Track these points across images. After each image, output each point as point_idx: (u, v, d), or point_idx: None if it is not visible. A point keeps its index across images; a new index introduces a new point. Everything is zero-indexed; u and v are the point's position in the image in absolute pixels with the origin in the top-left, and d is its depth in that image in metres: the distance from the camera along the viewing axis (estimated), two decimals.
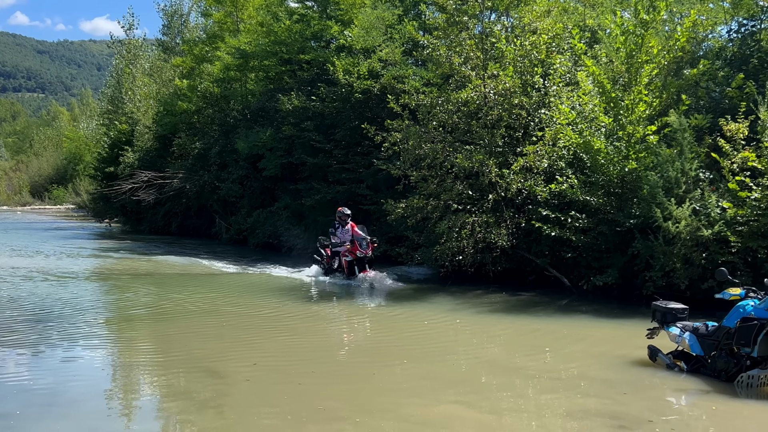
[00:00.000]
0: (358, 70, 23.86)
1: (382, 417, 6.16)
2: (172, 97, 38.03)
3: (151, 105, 42.14)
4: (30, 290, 15.42)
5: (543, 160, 16.40)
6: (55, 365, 8.85)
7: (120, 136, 43.75)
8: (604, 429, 6.01)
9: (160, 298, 14.62)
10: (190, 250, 27.71)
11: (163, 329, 11.49)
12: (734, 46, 18.30)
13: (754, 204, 12.82)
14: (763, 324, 7.57)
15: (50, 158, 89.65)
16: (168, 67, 44.42)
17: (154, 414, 6.48)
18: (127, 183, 34.61)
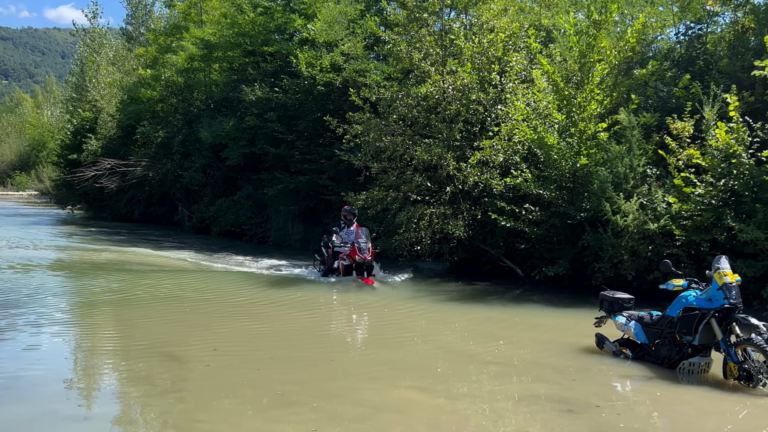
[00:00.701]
0: (320, 63, 23.75)
1: (339, 401, 6.17)
2: (135, 85, 37.48)
3: (115, 93, 41.47)
4: None
5: (499, 154, 16.54)
6: (17, 352, 8.67)
7: (83, 123, 43.01)
8: (553, 413, 6.09)
9: (124, 285, 14.39)
10: (153, 238, 27.34)
11: (126, 315, 11.30)
12: (681, 48, 18.62)
13: (698, 199, 13.07)
14: (704, 314, 7.75)
15: (13, 145, 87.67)
16: (132, 56, 43.74)
17: (114, 398, 6.39)
18: (90, 170, 34.02)
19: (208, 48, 29.83)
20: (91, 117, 43.00)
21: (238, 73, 29.51)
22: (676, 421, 6.17)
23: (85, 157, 38.33)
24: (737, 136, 12.70)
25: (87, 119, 43.07)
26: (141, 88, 35.59)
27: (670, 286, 8.29)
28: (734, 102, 12.91)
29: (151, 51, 37.79)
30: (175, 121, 33.83)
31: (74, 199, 44.53)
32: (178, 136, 32.32)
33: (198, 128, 29.95)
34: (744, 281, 10.91)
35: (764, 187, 12.26)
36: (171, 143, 32.85)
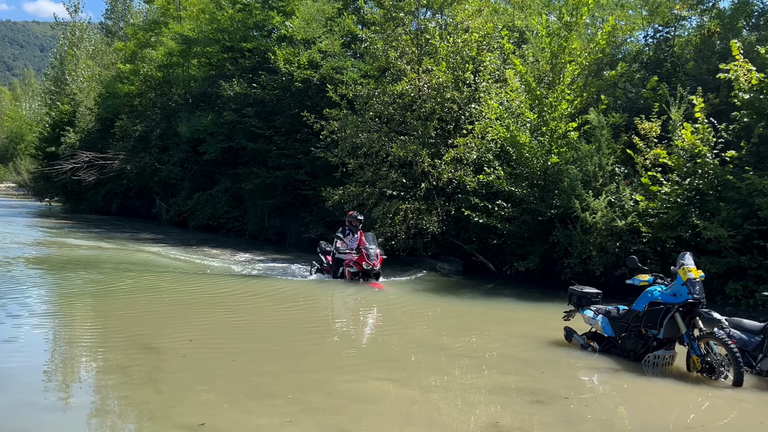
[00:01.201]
0: (298, 59, 23.66)
1: (314, 393, 6.14)
2: (114, 80, 37.08)
3: (94, 87, 41.00)
4: None
5: (472, 151, 16.61)
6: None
7: (62, 116, 42.51)
8: (523, 405, 6.14)
9: (102, 278, 14.19)
10: (131, 231, 27.08)
11: (104, 307, 11.13)
12: (650, 51, 18.81)
13: (664, 197, 13.21)
14: (669, 308, 7.85)
15: None
16: (110, 50, 43.26)
17: (91, 389, 6.31)
18: (68, 163, 33.61)
19: (187, 43, 29.56)
20: (69, 110, 42.52)
21: (217, 69, 29.29)
22: (641, 412, 6.24)
23: (64, 149, 37.87)
24: (702, 136, 12.86)
25: (65, 112, 42.58)
26: (119, 83, 35.22)
27: (636, 281, 8.37)
28: (700, 104, 13.06)
29: (130, 46, 37.39)
30: (154, 115, 33.53)
31: (52, 192, 44.00)
32: (156, 130, 32.03)
33: (176, 122, 29.69)
34: (707, 277, 11.07)
35: (728, 186, 12.43)
36: (149, 137, 32.56)
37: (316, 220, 23.21)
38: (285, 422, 5.09)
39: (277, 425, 5.05)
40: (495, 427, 5.27)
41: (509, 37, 17.22)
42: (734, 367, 7.16)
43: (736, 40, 14.19)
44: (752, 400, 6.67)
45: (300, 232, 24.08)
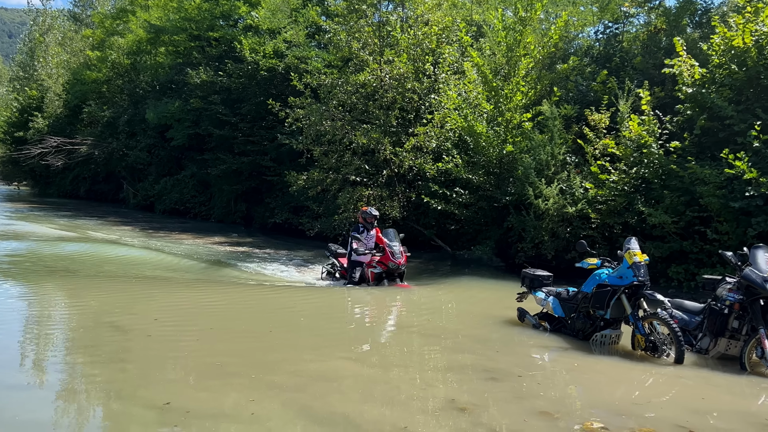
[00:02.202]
0: (263, 49, 23.41)
1: (276, 372, 6.08)
2: (82, 66, 36.28)
3: (62, 74, 40.08)
4: None
5: (432, 140, 16.64)
6: None
7: (30, 102, 41.53)
8: (478, 382, 6.17)
9: (70, 258, 13.88)
10: (99, 214, 26.57)
11: (72, 286, 10.88)
12: (600, 46, 19.00)
13: (612, 185, 13.38)
14: (615, 290, 7.95)
15: None
16: (78, 38, 42.28)
17: (58, 367, 6.13)
18: (36, 148, 32.87)
19: (155, 31, 29.06)
20: (37, 96, 41.55)
21: (184, 57, 28.85)
22: (590, 388, 6.32)
23: (32, 134, 37.07)
24: (648, 128, 13.04)
25: (33, 98, 41.60)
26: (87, 70, 34.46)
27: (585, 264, 8.46)
28: (646, 96, 13.24)
29: (98, 33, 36.58)
30: (121, 102, 32.95)
31: (20, 176, 43.08)
32: (123, 116, 31.50)
33: (144, 109, 29.23)
34: (652, 261, 11.25)
35: (671, 175, 12.63)
36: (117, 123, 32.00)
37: (281, 205, 23.10)
38: (248, 401, 5.05)
39: (241, 403, 5.00)
40: (451, 403, 5.29)
41: (467, 30, 17.26)
42: (676, 345, 7.30)
43: (680, 37, 14.41)
44: (693, 376, 6.81)
45: (266, 216, 23.95)
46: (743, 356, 7.19)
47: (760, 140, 11.23)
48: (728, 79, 12.57)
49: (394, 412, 5.05)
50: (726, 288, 7.72)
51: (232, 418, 4.69)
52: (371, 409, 5.07)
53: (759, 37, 12.25)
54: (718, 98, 12.33)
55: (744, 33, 12.34)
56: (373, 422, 4.75)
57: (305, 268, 14.84)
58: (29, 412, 4.70)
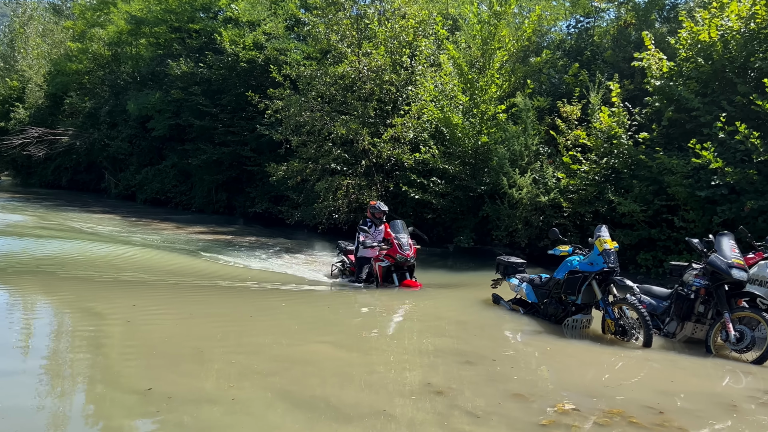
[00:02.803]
0: (243, 41, 23.21)
1: (256, 357, 6.02)
2: (63, 58, 35.70)
3: (43, 65, 39.41)
4: None
5: (409, 131, 16.63)
6: None
7: (11, 92, 40.82)
8: (455, 365, 6.18)
9: (52, 248, 13.62)
10: (80, 204, 26.21)
11: (52, 273, 10.68)
12: (572, 40, 19.07)
13: (583, 175, 13.48)
14: (586, 276, 8.02)
15: None
16: (59, 29, 41.58)
17: (38, 353, 6.04)
18: (18, 138, 32.32)
19: (136, 23, 28.64)
20: (18, 86, 40.84)
21: (165, 48, 28.50)
22: (562, 371, 6.37)
23: (13, 125, 36.45)
24: (618, 119, 13.13)
25: (14, 88, 40.89)
26: (68, 61, 33.92)
27: (557, 251, 8.52)
28: (616, 89, 13.32)
29: (79, 25, 35.98)
30: (102, 93, 32.50)
31: (2, 166, 42.38)
32: (105, 107, 31.10)
33: (125, 99, 28.88)
34: (621, 248, 11.36)
35: (640, 165, 12.74)
36: (98, 113, 31.59)
37: (261, 194, 22.99)
38: (229, 386, 5.01)
39: (222, 388, 4.96)
40: (428, 386, 5.30)
41: (443, 23, 17.22)
42: (644, 329, 7.38)
43: (649, 31, 14.51)
44: (660, 359, 6.89)
45: (246, 206, 23.83)
46: (709, 339, 7.29)
47: (725, 131, 11.35)
48: (695, 72, 12.68)
49: (373, 395, 5.05)
50: (692, 274, 7.81)
51: (214, 403, 4.65)
52: (350, 393, 5.06)
53: (724, 32, 12.37)
54: (685, 91, 12.43)
55: (710, 28, 12.45)
56: (353, 405, 4.74)
57: (313, 264, 14.12)
58: (11, 398, 4.63)
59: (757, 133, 10.80)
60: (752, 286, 7.73)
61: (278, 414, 4.56)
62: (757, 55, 12.03)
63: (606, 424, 4.73)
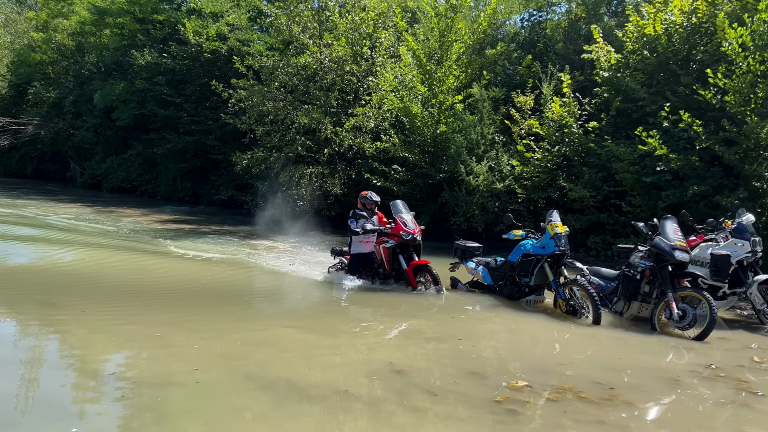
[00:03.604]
0: (207, 32, 22.81)
1: (219, 342, 5.88)
2: (26, 48, 34.60)
3: (6, 54, 38.12)
4: None
5: (370, 120, 16.56)
6: None
7: None
8: (418, 346, 6.21)
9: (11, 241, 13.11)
10: (45, 193, 25.50)
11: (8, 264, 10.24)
12: (525, 33, 19.19)
13: (536, 163, 13.61)
14: (539, 259, 8.12)
15: None
16: (22, 19, 40.23)
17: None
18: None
19: (100, 14, 27.89)
20: None
21: (129, 39, 27.84)
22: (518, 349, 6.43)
23: None
24: (569, 109, 13.28)
25: None
26: (31, 52, 32.90)
27: (511, 236, 8.61)
28: (567, 80, 13.46)
29: (42, 15, 34.90)
30: (67, 83, 31.63)
31: None
32: (69, 97, 30.27)
33: (89, 89, 28.17)
34: (572, 232, 11.54)
35: (590, 153, 12.91)
36: (62, 103, 30.75)
37: (225, 183, 22.74)
38: (193, 370, 4.93)
39: (185, 372, 4.88)
40: (390, 366, 5.32)
41: (402, 16, 17.17)
42: (593, 309, 7.51)
43: (598, 25, 14.68)
44: (609, 337, 7.01)
45: (212, 194, 23.54)
46: (653, 318, 7.45)
47: (669, 120, 11.57)
48: (641, 64, 12.89)
49: (336, 375, 5.05)
50: (638, 256, 7.96)
51: (179, 386, 4.58)
52: (314, 374, 5.04)
53: (668, 26, 12.58)
54: (632, 82, 12.63)
55: (655, 22, 12.65)
56: (316, 386, 4.73)
57: (278, 252, 13.40)
58: None
59: (699, 122, 11.04)
60: (694, 267, 7.93)
61: (243, 396, 4.52)
62: (698, 48, 12.28)
63: (557, 400, 4.80)
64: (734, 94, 10.61)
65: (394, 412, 4.33)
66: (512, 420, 4.32)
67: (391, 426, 4.14)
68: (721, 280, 7.89)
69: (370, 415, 4.30)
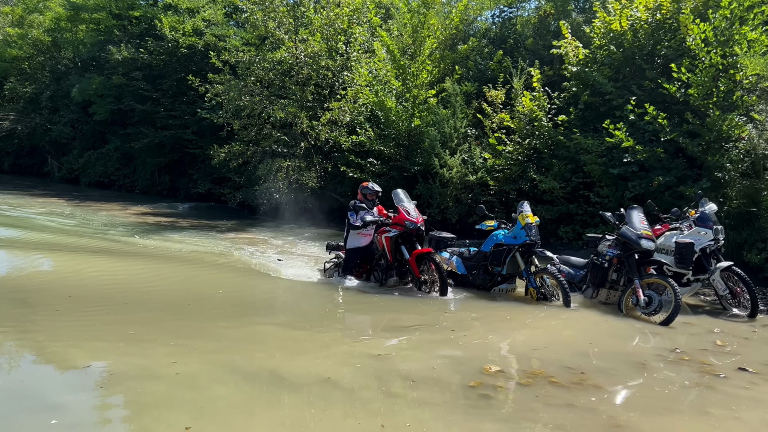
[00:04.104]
0: (183, 27, 22.51)
1: (197, 338, 5.58)
2: (2, 43, 33.80)
3: None
4: None
5: (346, 114, 16.49)
6: None
7: None
8: (398, 334, 6.21)
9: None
10: (23, 188, 25.02)
11: None
12: (496, 28, 19.21)
13: (508, 155, 13.66)
14: (510, 248, 8.17)
15: None
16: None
17: None
18: None
19: (75, 9, 27.36)
20: None
21: (105, 34, 27.35)
22: (492, 336, 6.46)
23: None
24: (539, 103, 13.34)
25: None
26: (7, 48, 32.17)
27: (483, 226, 8.64)
28: (537, 75, 13.51)
29: (17, 11, 34.13)
30: (44, 78, 31.00)
31: None
32: (46, 92, 29.71)
33: (66, 84, 27.67)
34: (543, 222, 11.63)
35: (559, 145, 12.99)
36: (39, 98, 30.15)
37: (203, 176, 22.51)
38: (171, 362, 4.84)
39: (163, 365, 4.76)
40: (376, 358, 5.29)
41: (376, 12, 17.10)
42: (563, 296, 7.60)
43: (566, 21, 14.77)
44: (579, 323, 7.09)
45: (189, 187, 23.30)
46: (621, 304, 7.55)
47: (636, 113, 11.68)
48: (608, 59, 12.98)
49: (319, 365, 5.01)
50: (606, 245, 8.06)
51: (158, 378, 4.51)
52: (297, 364, 5.00)
53: (634, 22, 12.69)
54: (599, 76, 12.72)
55: (621, 18, 12.75)
56: (299, 375, 4.70)
57: (259, 245, 13.02)
58: None
59: (664, 115, 11.16)
60: (659, 255, 8.04)
61: (224, 386, 4.46)
62: (663, 43, 12.41)
63: (529, 384, 4.84)
64: (697, 88, 10.74)
65: (374, 399, 4.34)
66: (485, 404, 4.34)
67: (369, 412, 4.14)
68: (685, 268, 8.02)
69: (349, 402, 4.29)
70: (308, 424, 3.92)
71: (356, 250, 8.92)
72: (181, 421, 3.83)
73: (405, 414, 4.12)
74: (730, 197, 10.38)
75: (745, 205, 10.18)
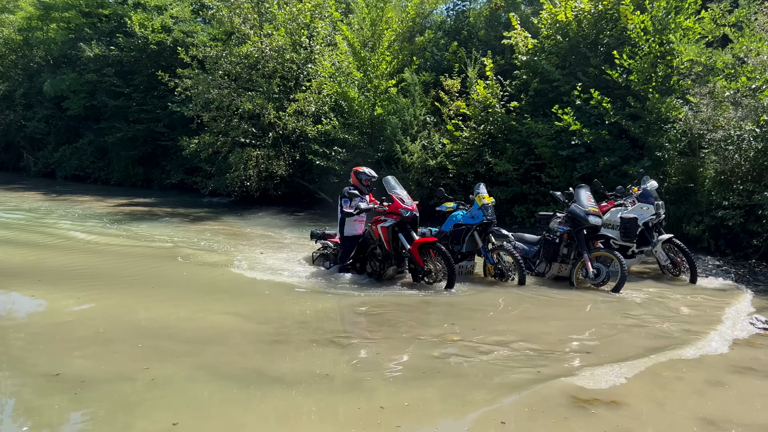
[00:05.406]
0: (152, 24, 21.90)
1: (159, 338, 5.19)
2: None
3: None
4: None
5: (311, 105, 16.27)
6: None
7: None
8: (366, 320, 6.14)
9: None
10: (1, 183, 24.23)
11: None
12: (451, 21, 19.10)
13: (465, 141, 13.64)
14: (469, 228, 8.16)
15: None
16: None
17: None
18: None
19: (45, 8, 26.38)
20: None
21: (76, 33, 26.46)
22: (456, 313, 6.44)
23: None
24: (492, 91, 13.33)
25: None
26: None
27: (443, 208, 8.61)
28: (490, 64, 13.49)
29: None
30: (16, 76, 29.91)
31: None
32: (19, 90, 28.70)
33: (39, 81, 26.76)
34: (498, 203, 11.64)
35: (512, 130, 13.02)
36: (12, 96, 29.13)
37: (176, 167, 22.08)
38: (142, 368, 4.41)
39: (137, 370, 4.36)
40: (343, 347, 5.18)
41: (337, 7, 16.84)
42: (518, 271, 7.63)
43: (516, 13, 14.75)
44: (533, 296, 7.13)
45: (163, 178, 22.84)
46: (572, 276, 7.62)
47: (582, 98, 11.75)
48: (555, 48, 13.01)
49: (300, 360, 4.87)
50: (557, 222, 8.10)
51: (133, 381, 4.20)
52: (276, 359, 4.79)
53: (578, 13, 12.73)
54: (547, 64, 12.76)
55: (566, 9, 12.77)
56: (282, 371, 4.56)
57: (236, 237, 11.99)
58: None
59: (608, 99, 11.24)
60: (606, 230, 8.12)
61: (205, 386, 4.17)
62: (605, 32, 12.48)
63: (488, 352, 4.83)
64: (637, 74, 10.85)
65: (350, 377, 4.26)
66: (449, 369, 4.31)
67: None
68: (630, 241, 8.13)
69: (327, 383, 4.20)
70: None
71: (353, 237, 8.17)
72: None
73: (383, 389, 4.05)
74: (670, 174, 10.53)
75: (683, 182, 10.34)
